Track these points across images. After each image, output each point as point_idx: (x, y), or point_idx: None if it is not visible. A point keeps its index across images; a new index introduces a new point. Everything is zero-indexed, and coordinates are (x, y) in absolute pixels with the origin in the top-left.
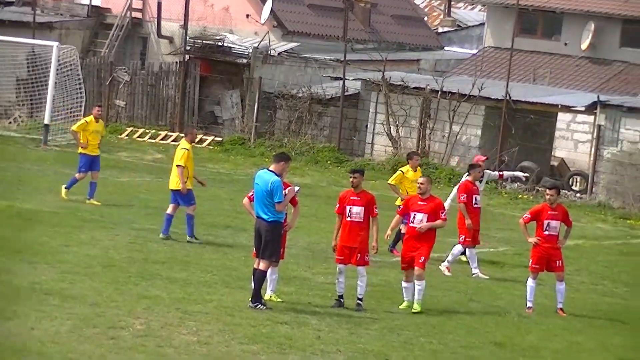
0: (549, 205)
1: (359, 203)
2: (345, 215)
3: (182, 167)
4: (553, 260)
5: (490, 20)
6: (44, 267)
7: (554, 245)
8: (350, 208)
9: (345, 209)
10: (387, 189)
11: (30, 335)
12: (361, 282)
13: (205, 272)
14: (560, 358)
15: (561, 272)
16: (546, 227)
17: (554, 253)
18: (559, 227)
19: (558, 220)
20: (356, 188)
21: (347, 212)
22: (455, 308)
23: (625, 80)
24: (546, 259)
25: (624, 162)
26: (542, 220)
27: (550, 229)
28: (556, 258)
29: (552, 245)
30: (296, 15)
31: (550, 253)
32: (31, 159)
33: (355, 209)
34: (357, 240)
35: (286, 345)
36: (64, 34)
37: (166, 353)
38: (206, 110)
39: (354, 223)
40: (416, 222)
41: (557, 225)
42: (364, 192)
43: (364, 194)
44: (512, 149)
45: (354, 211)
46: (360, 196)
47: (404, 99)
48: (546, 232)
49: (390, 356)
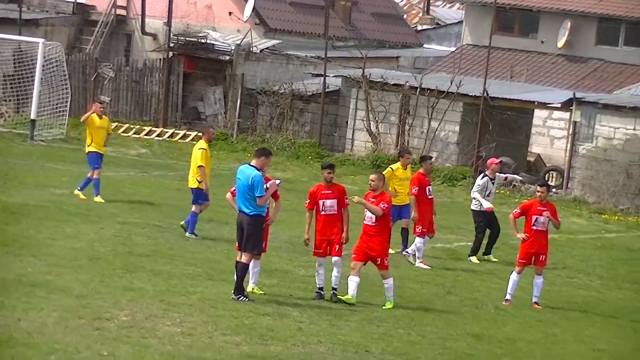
0: (539, 201)
1: (332, 196)
2: (319, 209)
3: (202, 167)
4: (538, 255)
5: (469, 19)
6: (31, 260)
7: (541, 241)
8: (324, 202)
9: (319, 203)
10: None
11: (17, 327)
12: (337, 272)
13: (188, 264)
14: (536, 349)
15: (542, 266)
16: (534, 222)
17: (541, 248)
18: (547, 223)
19: (546, 217)
20: (328, 182)
21: (321, 206)
22: (433, 301)
23: (600, 77)
24: (533, 254)
25: (599, 158)
26: (530, 215)
27: (538, 224)
28: (541, 253)
29: (540, 240)
30: (278, 13)
31: (537, 248)
32: (18, 154)
33: (328, 202)
34: (334, 232)
35: (268, 337)
36: (50, 30)
37: (150, 344)
38: (189, 106)
39: (329, 216)
40: (367, 219)
41: (545, 221)
42: (334, 185)
43: (335, 186)
44: (490, 145)
45: (328, 204)
46: (332, 189)
47: (384, 96)
48: (534, 227)
49: (369, 347)
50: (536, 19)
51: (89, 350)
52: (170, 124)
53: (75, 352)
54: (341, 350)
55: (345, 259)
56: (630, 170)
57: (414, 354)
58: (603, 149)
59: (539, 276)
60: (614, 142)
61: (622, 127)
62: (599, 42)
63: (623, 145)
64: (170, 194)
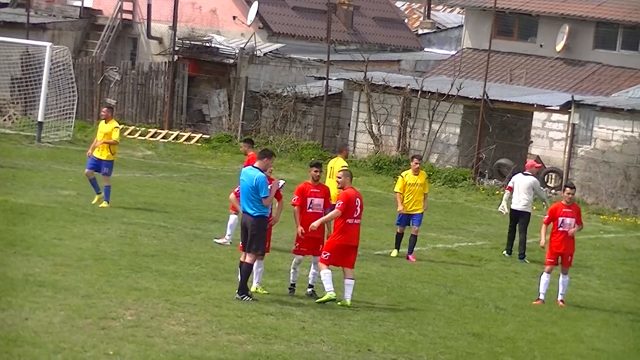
0: (565, 203)
1: (319, 195)
2: (305, 207)
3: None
4: (566, 255)
5: (469, 23)
6: (38, 260)
7: (568, 242)
8: (312, 200)
9: (307, 200)
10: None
11: (24, 326)
12: (316, 269)
13: (193, 264)
14: (535, 348)
15: (568, 266)
16: (560, 224)
17: (568, 249)
18: (573, 224)
19: (572, 218)
20: (316, 181)
21: (309, 203)
22: (434, 300)
23: (598, 80)
24: (560, 254)
25: (597, 160)
26: (557, 217)
27: (564, 226)
28: (568, 254)
29: (567, 241)
30: (281, 17)
31: (564, 249)
32: (25, 155)
33: (316, 200)
34: (319, 231)
35: (271, 336)
36: (57, 34)
37: (155, 343)
38: (194, 108)
39: (315, 214)
40: (314, 207)
41: (572, 222)
42: (321, 185)
43: (322, 186)
44: (490, 147)
45: (315, 203)
46: (320, 188)
47: (385, 98)
48: (560, 228)
49: (372, 346)
50: (535, 23)
51: (95, 349)
52: (175, 126)
53: (82, 351)
54: (344, 349)
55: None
56: (628, 171)
57: (416, 353)
58: (601, 150)
59: (565, 275)
60: (612, 144)
61: (620, 129)
62: (596, 46)
63: (621, 147)
64: (175, 195)
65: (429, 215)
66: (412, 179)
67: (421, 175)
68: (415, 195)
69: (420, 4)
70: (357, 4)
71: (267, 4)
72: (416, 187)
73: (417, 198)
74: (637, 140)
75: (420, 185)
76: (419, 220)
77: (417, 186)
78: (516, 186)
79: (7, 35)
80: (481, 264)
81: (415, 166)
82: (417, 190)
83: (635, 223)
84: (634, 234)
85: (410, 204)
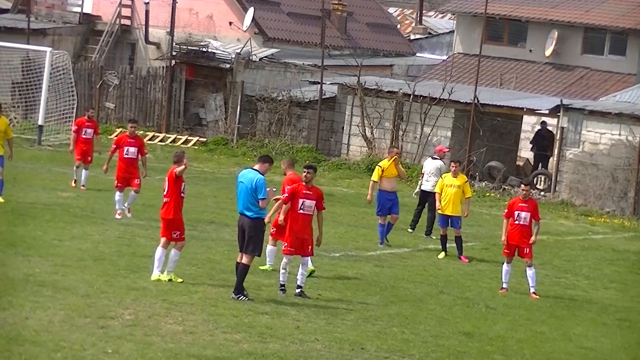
0: (522, 198)
1: (312, 197)
2: (297, 207)
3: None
4: (522, 247)
5: (460, 28)
6: (38, 260)
7: (524, 235)
8: (303, 201)
9: (298, 201)
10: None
11: (25, 325)
12: (304, 270)
13: (190, 265)
14: (525, 347)
15: (528, 258)
16: (517, 217)
17: (523, 241)
18: (529, 218)
19: (528, 212)
20: (308, 183)
21: (300, 204)
22: (426, 300)
23: (586, 85)
24: (515, 246)
25: (586, 162)
26: (513, 211)
27: (520, 219)
28: (525, 246)
29: (522, 234)
30: (276, 22)
31: (519, 241)
32: (25, 158)
33: (308, 202)
34: (308, 232)
35: (267, 335)
36: (57, 39)
37: (153, 342)
38: (191, 112)
39: (306, 215)
40: (305, 208)
41: (527, 216)
42: (314, 187)
43: (314, 189)
44: (480, 150)
45: (307, 204)
46: (312, 191)
47: (378, 102)
48: (517, 222)
49: (365, 345)
50: (524, 29)
51: (94, 348)
52: (172, 130)
53: (81, 349)
54: (337, 348)
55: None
56: (616, 174)
57: (408, 351)
58: (589, 153)
59: (530, 267)
60: (600, 147)
61: (608, 132)
62: (585, 51)
63: (609, 150)
64: None
65: (421, 216)
66: (449, 180)
67: (460, 177)
68: (451, 197)
69: (412, 10)
70: (350, 10)
71: (263, 9)
72: (453, 188)
73: (453, 200)
74: (624, 143)
75: (458, 187)
76: (458, 224)
77: (454, 188)
78: (427, 169)
79: (8, 41)
80: (472, 264)
81: (453, 169)
82: (454, 192)
83: (623, 224)
84: (622, 235)
85: (447, 206)
